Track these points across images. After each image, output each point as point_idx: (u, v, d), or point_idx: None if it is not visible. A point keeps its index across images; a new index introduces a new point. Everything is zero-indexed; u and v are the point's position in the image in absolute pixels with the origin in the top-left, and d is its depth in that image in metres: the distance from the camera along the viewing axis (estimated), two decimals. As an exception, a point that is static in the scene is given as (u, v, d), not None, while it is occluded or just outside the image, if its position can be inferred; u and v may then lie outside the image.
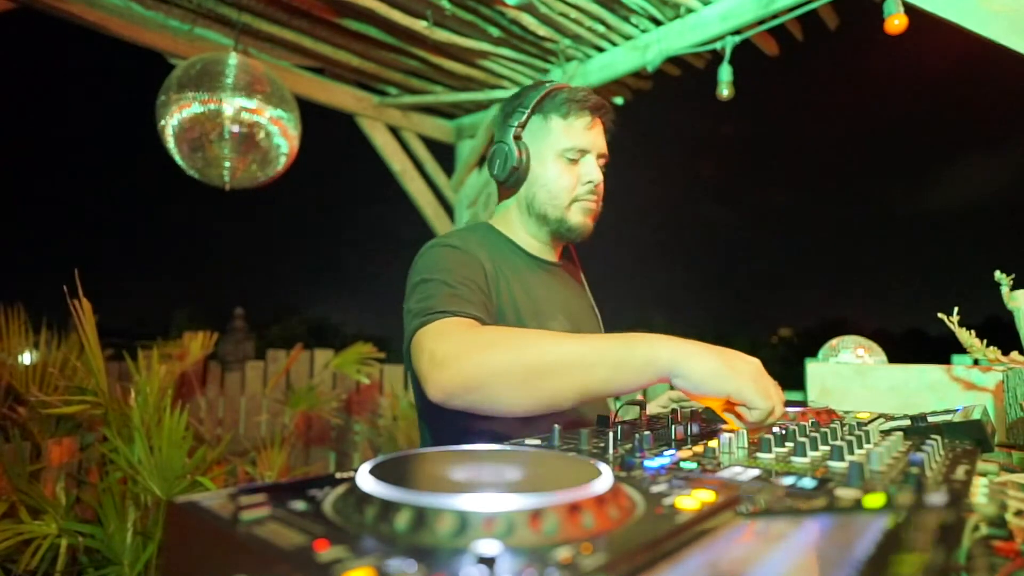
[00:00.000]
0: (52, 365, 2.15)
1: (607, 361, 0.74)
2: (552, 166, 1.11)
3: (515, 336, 0.81)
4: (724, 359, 0.73)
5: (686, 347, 0.74)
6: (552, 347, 0.77)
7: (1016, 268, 1.17)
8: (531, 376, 0.76)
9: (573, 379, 0.75)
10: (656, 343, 0.75)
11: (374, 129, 3.42)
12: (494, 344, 0.79)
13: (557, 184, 1.11)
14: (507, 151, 1.10)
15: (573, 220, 1.13)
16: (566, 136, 1.11)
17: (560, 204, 1.12)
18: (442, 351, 0.80)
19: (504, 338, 0.81)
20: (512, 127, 1.11)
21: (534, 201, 1.13)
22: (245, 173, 2.30)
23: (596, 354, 0.75)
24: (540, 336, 0.80)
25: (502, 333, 0.83)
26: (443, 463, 0.46)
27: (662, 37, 2.56)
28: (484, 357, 0.78)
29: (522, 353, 0.77)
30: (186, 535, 0.38)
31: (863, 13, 2.25)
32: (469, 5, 2.44)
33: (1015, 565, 0.37)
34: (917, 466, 0.52)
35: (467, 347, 0.79)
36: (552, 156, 1.11)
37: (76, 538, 1.80)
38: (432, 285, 0.93)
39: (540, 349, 0.77)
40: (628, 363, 0.74)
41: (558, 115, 1.11)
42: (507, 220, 1.19)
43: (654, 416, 0.97)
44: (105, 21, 2.41)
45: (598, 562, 0.30)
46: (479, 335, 0.82)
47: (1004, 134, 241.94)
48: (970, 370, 1.23)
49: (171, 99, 2.12)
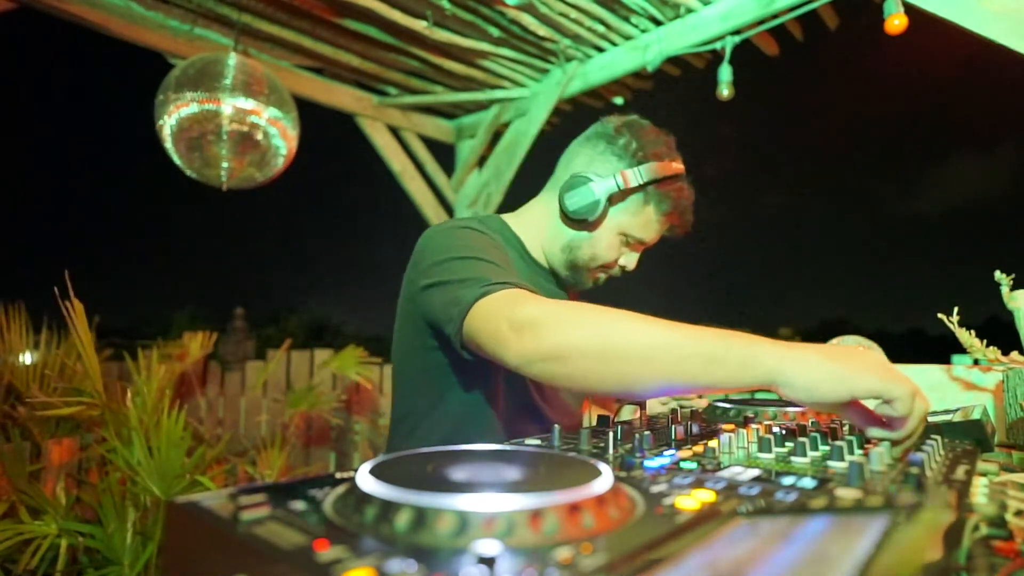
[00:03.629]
0: (50, 366, 2.14)
1: (700, 354, 0.68)
2: (613, 238, 1.09)
3: (604, 313, 0.75)
4: (836, 357, 0.65)
5: (791, 351, 0.66)
6: (643, 331, 0.71)
7: (1016, 268, 1.17)
8: (616, 357, 0.71)
9: (659, 367, 0.70)
10: (756, 344, 0.68)
11: (374, 129, 3.41)
12: (582, 317, 0.75)
13: (604, 255, 1.10)
14: (595, 201, 1.03)
15: (587, 283, 1.14)
16: (644, 229, 1.09)
17: (592, 267, 1.11)
18: (526, 315, 0.76)
19: (593, 313, 0.76)
20: (615, 180, 1.03)
21: (577, 250, 1.10)
22: (243, 174, 2.30)
23: (689, 345, 0.69)
24: (631, 317, 0.74)
25: (590, 308, 0.77)
26: (443, 463, 0.46)
27: (662, 37, 2.56)
28: (572, 328, 0.74)
29: (612, 331, 0.72)
30: (186, 535, 0.38)
31: (863, 13, 2.25)
32: (469, 5, 2.44)
33: (1015, 565, 0.37)
34: (917, 466, 0.52)
35: (554, 315, 0.76)
36: (618, 230, 1.09)
37: (76, 538, 1.80)
38: (471, 262, 0.88)
39: (630, 331, 0.72)
40: (722, 361, 0.67)
41: (657, 211, 1.08)
42: (527, 226, 1.14)
43: (654, 416, 0.97)
44: (105, 21, 2.41)
45: (598, 562, 0.30)
46: (565, 306, 0.78)
47: (1004, 134, 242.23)
48: (970, 370, 1.23)
49: (169, 99, 2.12)
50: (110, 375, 2.93)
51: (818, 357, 0.64)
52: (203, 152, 2.19)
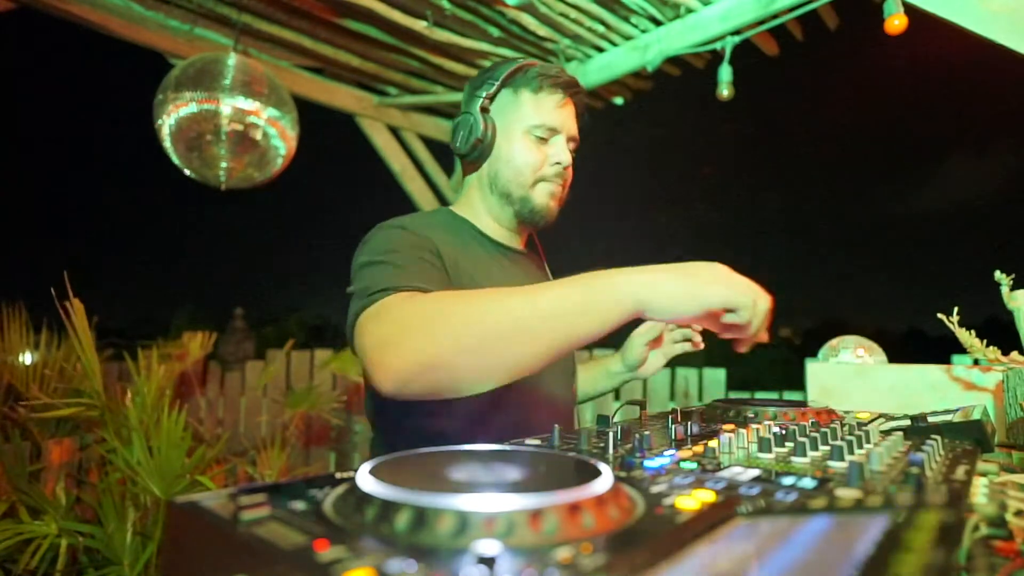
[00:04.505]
0: (50, 366, 2.15)
1: (570, 310, 0.67)
2: (519, 143, 1.05)
3: (465, 300, 0.72)
4: (687, 275, 0.67)
5: (646, 275, 0.68)
6: (509, 306, 0.69)
7: (1016, 268, 1.17)
8: (492, 342, 0.68)
9: (538, 337, 0.68)
10: (615, 278, 0.68)
11: (374, 129, 3.42)
12: (443, 313, 0.71)
13: (522, 160, 1.04)
14: (472, 122, 1.04)
15: (537, 201, 1.06)
16: (536, 112, 1.05)
17: (524, 183, 1.05)
18: (386, 331, 0.72)
19: (453, 304, 0.72)
20: (480, 98, 1.04)
21: (497, 178, 1.06)
22: (242, 173, 2.30)
23: (558, 304, 0.68)
24: (493, 296, 0.71)
25: (449, 299, 0.73)
26: (443, 463, 0.46)
27: (662, 37, 2.56)
28: (435, 329, 0.69)
29: (478, 318, 0.69)
30: (186, 535, 0.38)
31: (863, 13, 2.25)
32: (469, 5, 2.44)
33: (1015, 565, 0.37)
34: (917, 466, 0.52)
35: (414, 321, 0.71)
36: (520, 132, 1.05)
37: (76, 538, 1.80)
38: (377, 267, 0.85)
39: (497, 310, 0.69)
40: (593, 307, 0.67)
41: (529, 90, 1.05)
42: (469, 202, 1.13)
43: (654, 416, 0.97)
44: (105, 21, 2.41)
45: (598, 562, 0.30)
46: (424, 304, 0.74)
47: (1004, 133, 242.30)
48: (970, 370, 1.23)
49: (168, 98, 2.12)
50: (110, 375, 2.94)
51: (670, 276, 0.67)
52: (202, 152, 2.19)
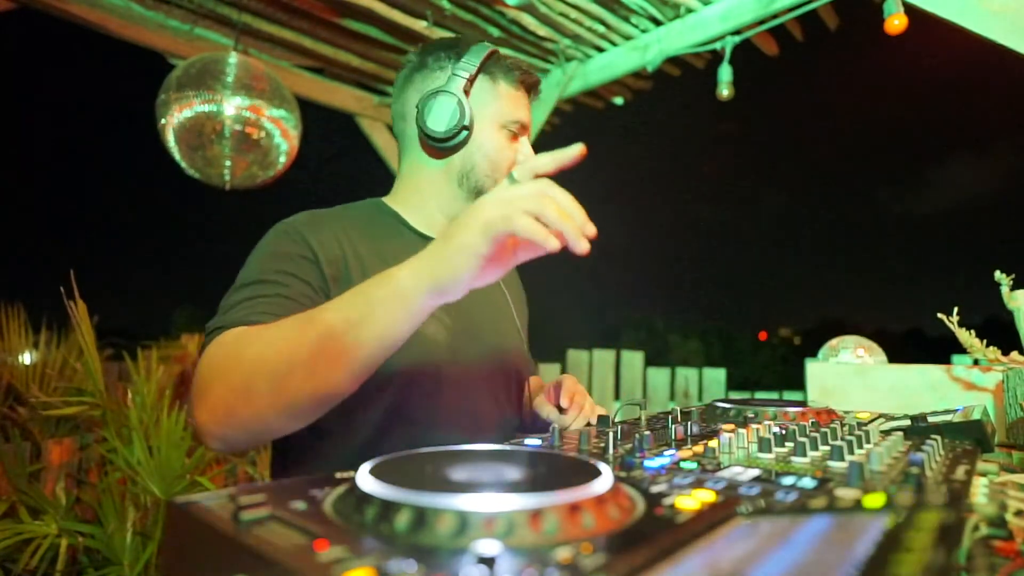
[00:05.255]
0: (51, 366, 2.15)
1: (358, 322, 0.64)
2: (495, 136, 0.97)
3: (257, 338, 0.68)
4: (453, 236, 0.62)
5: (421, 264, 0.64)
6: (294, 338, 0.65)
7: (1016, 268, 1.17)
8: (279, 377, 0.65)
9: (327, 361, 0.64)
10: (391, 282, 0.64)
11: (374, 129, 3.42)
12: (236, 357, 0.67)
13: (500, 156, 0.97)
14: (458, 103, 0.92)
15: None
16: (513, 107, 0.98)
17: (498, 180, 0.98)
18: (199, 375, 0.69)
19: (245, 346, 0.68)
20: (460, 78, 0.93)
21: (473, 172, 0.97)
22: (245, 173, 2.30)
23: (341, 318, 0.64)
24: (281, 328, 0.68)
25: (243, 340, 0.69)
26: (443, 463, 0.46)
27: (662, 37, 2.56)
28: (228, 376, 0.66)
29: (268, 355, 0.66)
30: (186, 535, 0.38)
31: (863, 13, 2.25)
32: (469, 5, 2.44)
33: (1015, 565, 0.37)
34: (917, 466, 0.52)
35: (214, 371, 0.68)
36: (497, 125, 0.98)
37: (76, 538, 1.80)
38: (236, 291, 0.80)
39: (282, 346, 0.65)
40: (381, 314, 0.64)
41: (507, 82, 0.98)
42: (412, 192, 1.01)
43: (654, 416, 0.97)
44: (105, 21, 2.41)
45: (598, 562, 0.30)
46: (224, 350, 0.70)
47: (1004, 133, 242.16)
48: (970, 370, 1.23)
49: (171, 98, 2.12)
50: (110, 375, 2.94)
51: (443, 251, 0.62)
52: (205, 152, 2.19)
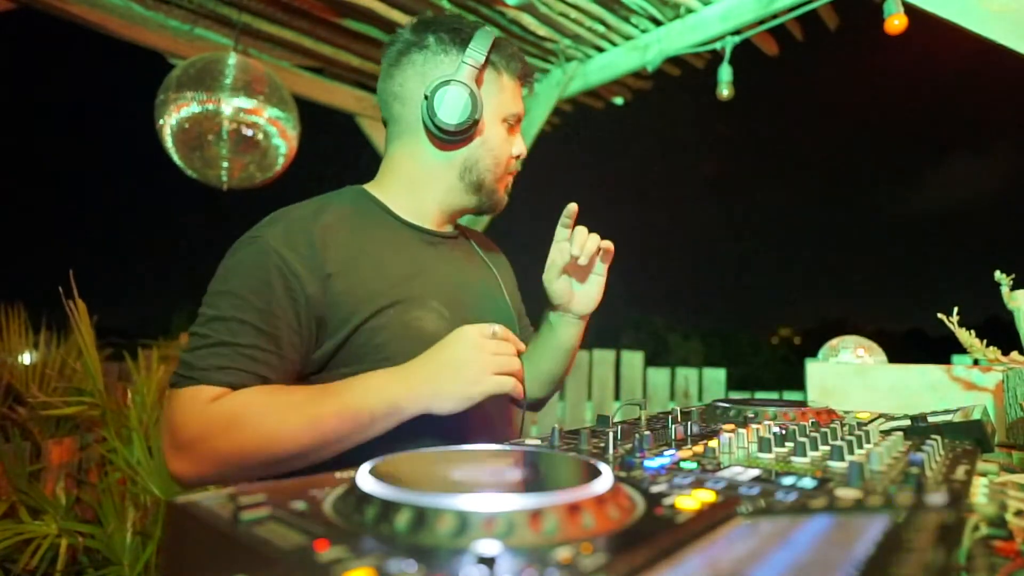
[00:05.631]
0: (51, 366, 2.15)
1: (353, 429, 0.74)
2: (497, 129, 0.96)
3: (256, 426, 0.72)
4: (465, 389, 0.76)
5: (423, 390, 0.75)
6: (292, 431, 0.72)
7: (1016, 268, 1.17)
8: (266, 463, 0.73)
9: (327, 453, 0.74)
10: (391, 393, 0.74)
11: (374, 129, 3.42)
12: (234, 426, 0.72)
13: (502, 150, 0.96)
14: (470, 95, 0.89)
15: (500, 193, 1.00)
16: (514, 100, 0.97)
17: (499, 173, 0.98)
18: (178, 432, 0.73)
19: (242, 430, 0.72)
20: (469, 67, 0.90)
21: (476, 165, 0.95)
22: (243, 173, 2.30)
23: (344, 425, 0.73)
24: (282, 416, 0.73)
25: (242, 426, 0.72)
26: (443, 463, 0.46)
27: (662, 37, 2.56)
28: (219, 450, 0.72)
29: (259, 444, 0.72)
30: (186, 535, 0.38)
31: (863, 13, 2.25)
32: (469, 5, 2.44)
33: (1015, 565, 0.37)
34: (917, 466, 0.52)
35: (199, 440, 0.72)
36: (499, 118, 0.96)
37: (76, 538, 1.80)
38: (206, 329, 0.78)
39: (280, 436, 0.72)
40: (375, 424, 0.75)
41: (509, 74, 0.96)
42: (408, 178, 0.96)
43: (654, 416, 0.97)
44: (105, 21, 2.41)
45: (598, 562, 0.30)
46: (221, 423, 0.72)
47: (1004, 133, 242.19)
48: (970, 370, 1.23)
49: (170, 99, 2.12)
50: (110, 375, 2.93)
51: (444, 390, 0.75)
52: (203, 152, 2.19)
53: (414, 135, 0.95)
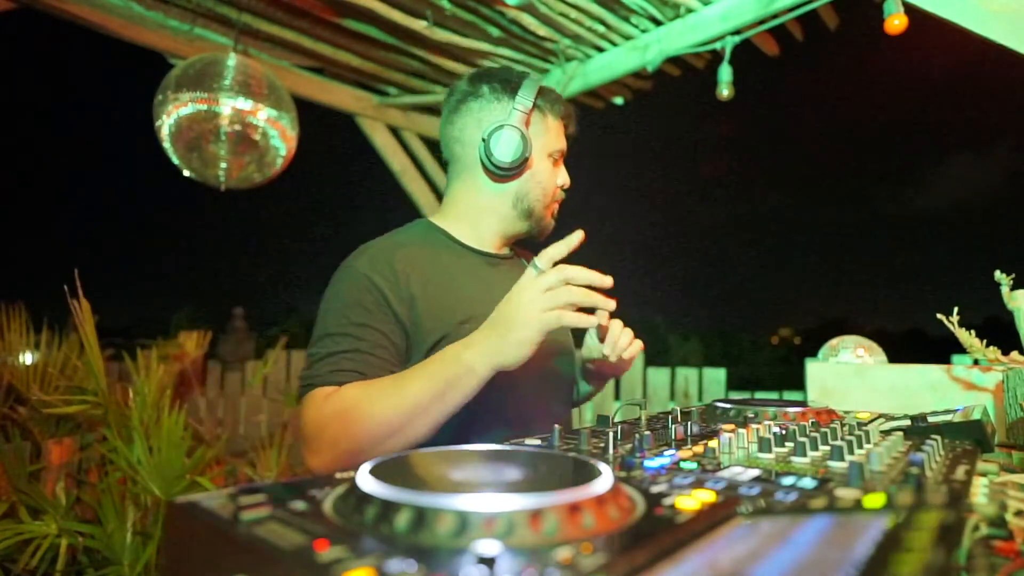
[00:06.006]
0: (52, 365, 2.15)
1: (438, 395, 0.82)
2: (544, 164, 1.11)
3: (355, 409, 0.85)
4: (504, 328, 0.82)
5: (488, 347, 0.82)
6: (388, 408, 0.83)
7: (1016, 268, 1.17)
8: (374, 442, 0.83)
9: (419, 425, 0.84)
10: (464, 356, 0.83)
11: (374, 129, 3.42)
12: (344, 420, 0.84)
13: (549, 182, 1.12)
14: (521, 136, 1.04)
15: (547, 220, 1.15)
16: (558, 138, 1.13)
17: (547, 203, 1.13)
18: (308, 431, 0.87)
19: (350, 412, 0.85)
20: (518, 112, 1.05)
21: (527, 196, 1.10)
22: (241, 174, 2.30)
23: (426, 394, 0.82)
24: (377, 398, 0.84)
25: (345, 413, 0.85)
26: (443, 463, 0.46)
27: (662, 37, 2.56)
28: (333, 439, 0.84)
29: (362, 427, 0.83)
30: (186, 535, 0.38)
31: (863, 13, 2.25)
32: (469, 5, 2.44)
33: (1015, 565, 0.37)
34: (917, 466, 0.52)
35: (318, 435, 0.86)
36: (544, 154, 1.11)
37: (76, 538, 1.80)
38: (317, 347, 0.95)
39: (378, 415, 0.83)
40: (456, 386, 0.83)
41: (553, 115, 1.12)
42: (469, 209, 1.12)
43: (654, 416, 0.97)
44: (105, 21, 2.41)
45: (598, 562, 0.30)
46: (333, 409, 0.86)
47: (1004, 133, 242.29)
48: (970, 370, 1.23)
49: (168, 98, 2.12)
50: (110, 375, 2.93)
51: (504, 340, 0.81)
52: (202, 152, 2.19)
53: (473, 172, 1.10)
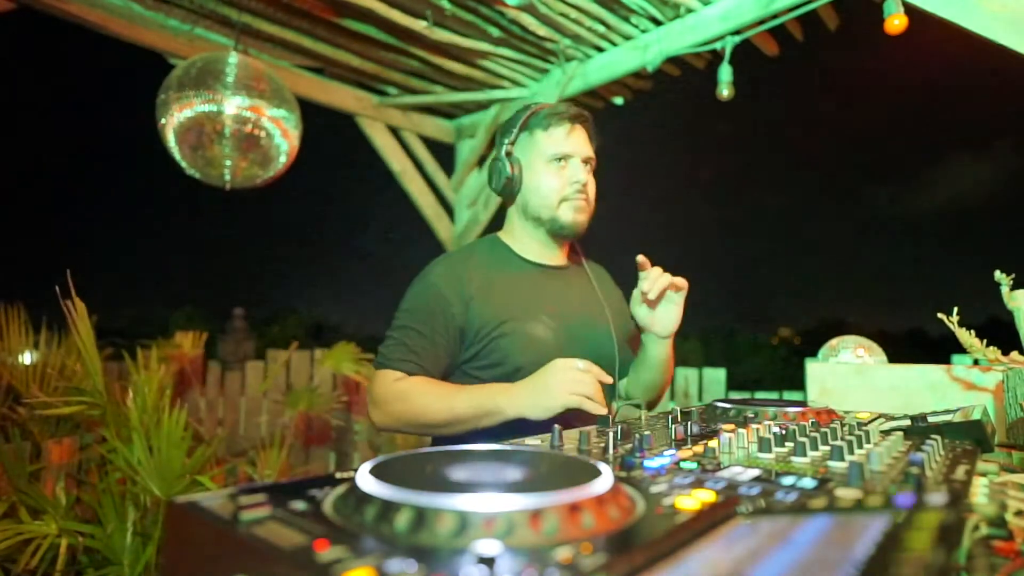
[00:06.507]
0: (51, 366, 2.14)
1: (472, 418, 1.07)
2: (541, 173, 1.24)
3: (413, 399, 1.11)
4: (538, 391, 1.04)
5: (519, 401, 1.04)
6: (437, 410, 1.09)
7: (1016, 268, 1.17)
8: (421, 427, 1.13)
9: (456, 430, 1.09)
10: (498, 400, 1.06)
11: (374, 129, 3.42)
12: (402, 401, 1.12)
13: (546, 187, 1.24)
14: (500, 166, 1.27)
15: (564, 218, 1.25)
16: (550, 144, 1.24)
17: (551, 205, 1.24)
18: (375, 394, 1.16)
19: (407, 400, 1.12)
20: (504, 145, 1.27)
21: (528, 206, 1.27)
22: (245, 173, 2.29)
23: (464, 413, 1.07)
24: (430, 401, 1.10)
25: (408, 393, 1.12)
26: (443, 463, 0.46)
27: (662, 37, 2.56)
28: (394, 412, 1.13)
29: (417, 413, 1.11)
30: (186, 535, 0.38)
31: (863, 13, 2.25)
32: (469, 5, 2.44)
33: (1015, 565, 0.37)
34: (917, 466, 0.52)
35: (388, 404, 1.14)
36: (540, 164, 1.24)
37: (76, 538, 1.79)
38: (395, 332, 1.20)
39: (429, 411, 1.10)
40: (486, 417, 1.07)
41: (540, 128, 1.26)
42: (511, 229, 1.34)
43: (654, 416, 0.97)
44: (105, 21, 2.41)
45: (598, 562, 0.30)
46: (396, 391, 1.13)
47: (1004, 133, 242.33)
48: (970, 370, 1.23)
49: (171, 98, 2.12)
50: (110, 375, 2.94)
51: (534, 402, 1.03)
52: (206, 152, 2.19)
53: (513, 205, 1.32)
